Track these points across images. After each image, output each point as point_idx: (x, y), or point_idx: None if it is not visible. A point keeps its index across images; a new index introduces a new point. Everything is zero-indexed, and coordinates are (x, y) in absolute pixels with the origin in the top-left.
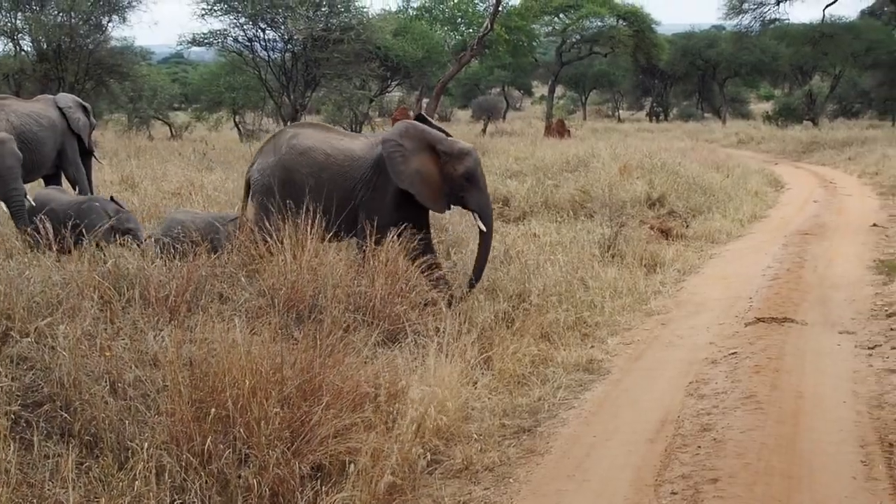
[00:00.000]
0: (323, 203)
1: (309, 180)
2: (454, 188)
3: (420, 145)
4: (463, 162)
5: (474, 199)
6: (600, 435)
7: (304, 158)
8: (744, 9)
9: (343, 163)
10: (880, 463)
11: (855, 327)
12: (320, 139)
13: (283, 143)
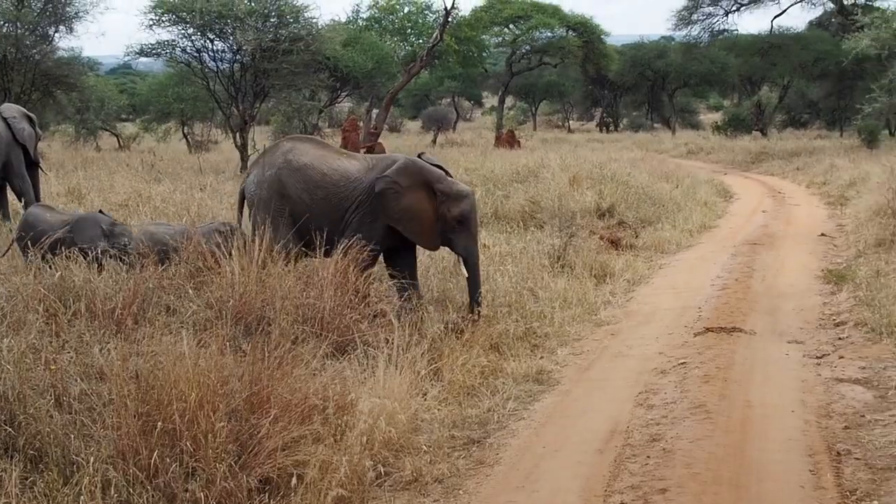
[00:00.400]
0: (315, 221)
1: (303, 196)
2: (445, 228)
3: (416, 182)
4: (459, 204)
5: (462, 242)
6: (550, 446)
7: (300, 175)
8: (693, 20)
9: (338, 183)
10: (828, 472)
11: (803, 337)
12: (317, 156)
13: (279, 156)
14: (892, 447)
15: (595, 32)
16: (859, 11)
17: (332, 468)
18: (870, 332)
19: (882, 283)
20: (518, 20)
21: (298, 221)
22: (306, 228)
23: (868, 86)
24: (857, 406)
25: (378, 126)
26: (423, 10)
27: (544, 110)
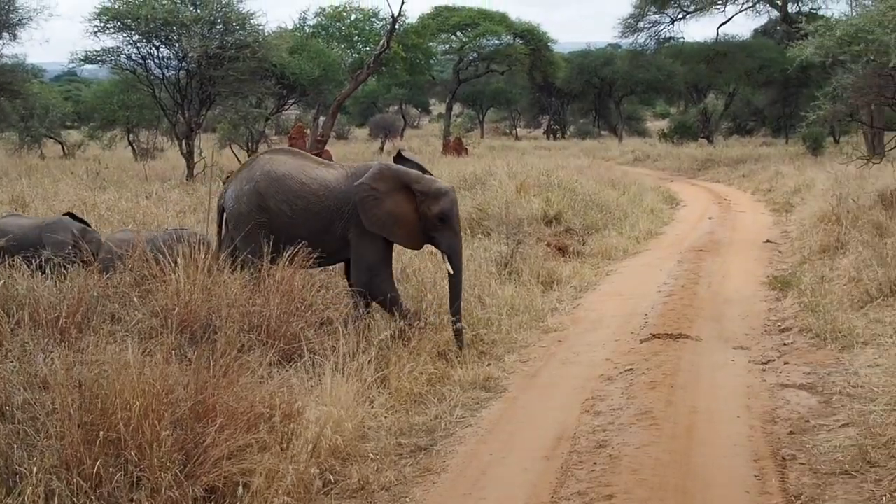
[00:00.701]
0: (297, 231)
1: (283, 207)
2: (427, 227)
3: (394, 186)
4: (439, 202)
5: (446, 240)
6: (497, 453)
7: (279, 185)
8: (639, 27)
9: (318, 192)
10: (773, 477)
11: (749, 343)
12: (295, 166)
13: (257, 169)
14: (836, 452)
15: (542, 40)
16: (804, 19)
17: (279, 476)
18: (814, 338)
19: (826, 289)
20: (465, 28)
21: (279, 233)
22: (287, 240)
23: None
24: (801, 411)
25: (325, 133)
26: (370, 17)
27: (492, 118)
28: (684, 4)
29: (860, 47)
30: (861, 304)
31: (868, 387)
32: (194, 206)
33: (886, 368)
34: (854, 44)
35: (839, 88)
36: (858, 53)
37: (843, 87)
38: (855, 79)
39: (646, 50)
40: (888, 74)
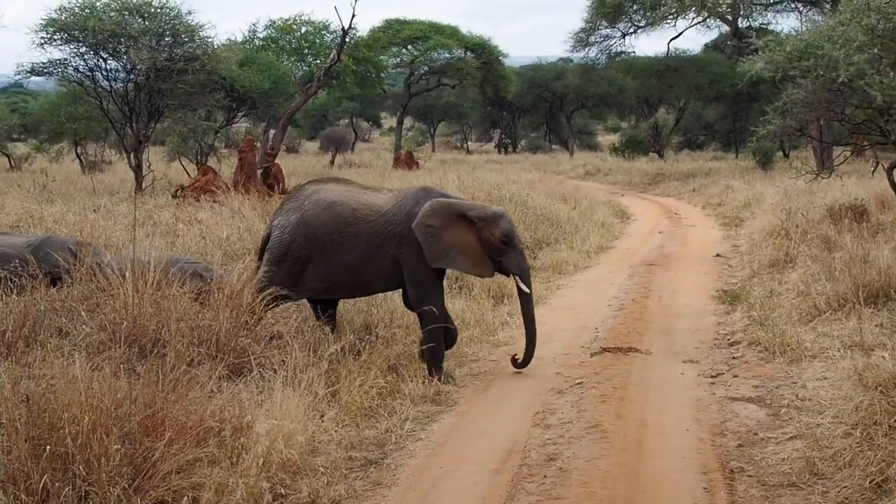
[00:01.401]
0: (347, 257)
1: (333, 235)
2: (492, 253)
3: (449, 218)
4: (499, 225)
5: (514, 261)
6: (447, 466)
7: (329, 213)
8: (590, 42)
9: (369, 217)
10: (722, 489)
11: (698, 356)
12: (344, 193)
13: (304, 199)
14: (784, 464)
15: (493, 54)
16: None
17: (229, 490)
18: (763, 352)
19: (775, 302)
20: (416, 41)
21: (327, 261)
22: (336, 267)
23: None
24: (750, 424)
25: (275, 147)
26: (320, 30)
27: (443, 131)
28: (635, 19)
29: (809, 63)
30: (809, 317)
31: (816, 400)
32: (143, 219)
33: (834, 381)
34: (803, 59)
35: (789, 103)
36: (808, 69)
37: (792, 102)
38: (804, 94)
39: (597, 64)
40: (837, 90)
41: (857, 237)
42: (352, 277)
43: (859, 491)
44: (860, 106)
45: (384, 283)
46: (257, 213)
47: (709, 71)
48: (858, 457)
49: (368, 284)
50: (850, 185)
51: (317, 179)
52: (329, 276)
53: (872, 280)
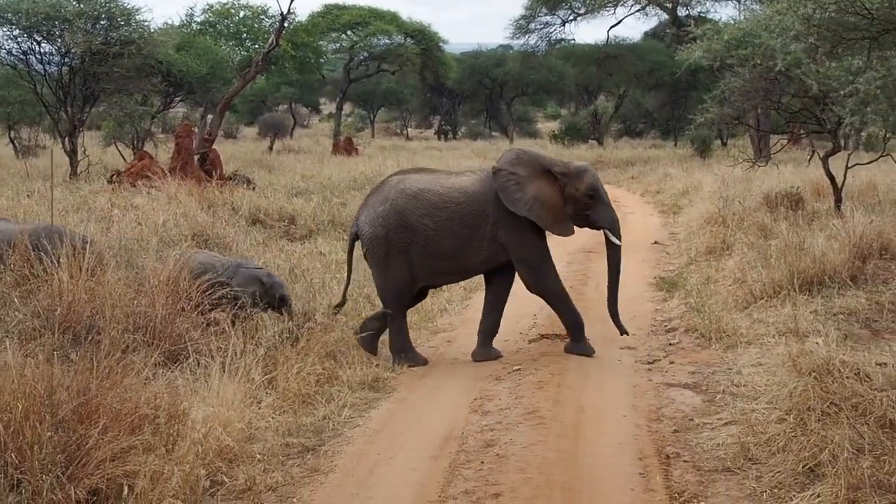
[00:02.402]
0: (443, 242)
1: (426, 221)
2: (578, 208)
3: (535, 171)
4: (583, 179)
5: (603, 213)
6: (385, 453)
7: (418, 201)
8: (530, 29)
9: (459, 199)
10: (658, 474)
11: (635, 343)
12: (430, 180)
13: (390, 189)
14: (719, 449)
15: (433, 40)
16: (692, 23)
17: (164, 478)
18: (699, 338)
19: (712, 289)
20: (356, 26)
21: (423, 248)
22: (433, 253)
23: (701, 96)
24: (686, 410)
25: (212, 132)
26: (258, 14)
27: (382, 118)
28: (575, 6)
29: (747, 51)
30: (745, 304)
31: (751, 385)
32: (77, 204)
33: (768, 368)
34: (741, 48)
35: (726, 92)
36: (745, 57)
37: (730, 90)
38: (742, 82)
39: (537, 51)
40: (774, 78)
41: (793, 225)
42: (452, 263)
43: (792, 475)
44: (797, 95)
45: (485, 264)
46: (194, 198)
47: (648, 59)
48: (792, 442)
49: (470, 267)
50: (787, 173)
51: (401, 170)
52: (429, 264)
53: (807, 267)
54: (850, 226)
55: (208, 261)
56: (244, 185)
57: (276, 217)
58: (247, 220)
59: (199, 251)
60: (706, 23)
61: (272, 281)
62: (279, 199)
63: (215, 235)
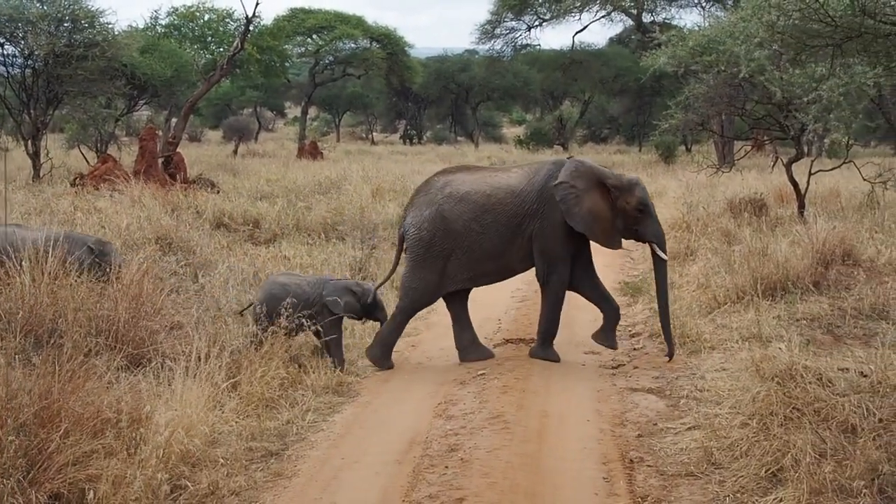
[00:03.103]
0: (490, 244)
1: (472, 225)
2: (627, 222)
3: (591, 183)
4: (634, 193)
5: (650, 229)
6: (348, 457)
7: (465, 205)
8: (496, 34)
9: (505, 199)
10: (621, 479)
11: (599, 347)
12: (475, 181)
13: (435, 192)
14: (683, 454)
15: (399, 44)
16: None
17: (126, 482)
18: (663, 343)
19: (676, 295)
20: (321, 30)
21: (469, 251)
22: (478, 255)
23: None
24: (650, 415)
25: (176, 135)
26: (223, 17)
27: (348, 122)
28: (541, 12)
29: (712, 58)
30: (709, 309)
31: (714, 390)
32: (40, 207)
33: (732, 373)
34: (705, 54)
35: (691, 98)
36: (710, 64)
37: (694, 96)
38: (706, 89)
39: (502, 56)
40: (738, 85)
41: (756, 231)
42: (495, 263)
43: (755, 480)
44: (760, 101)
45: (524, 263)
46: (158, 201)
47: (613, 65)
48: (755, 446)
49: (511, 266)
50: (750, 179)
51: (445, 170)
52: (473, 265)
53: (770, 273)
54: (812, 232)
55: (291, 281)
56: (208, 188)
57: (240, 221)
58: (211, 224)
59: (280, 273)
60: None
61: (362, 289)
62: (243, 202)
63: (179, 239)
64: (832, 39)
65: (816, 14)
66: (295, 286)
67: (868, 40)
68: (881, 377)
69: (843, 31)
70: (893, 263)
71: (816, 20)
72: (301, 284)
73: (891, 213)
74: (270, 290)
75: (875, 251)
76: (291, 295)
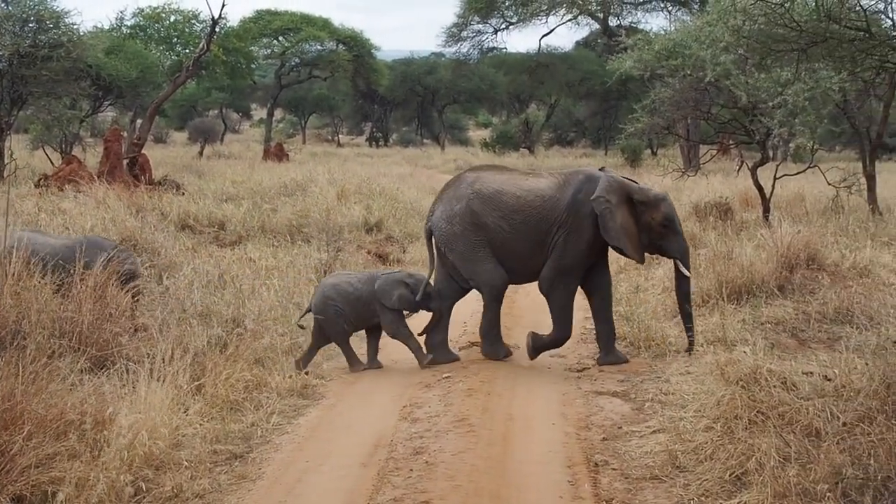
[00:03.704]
0: (517, 246)
1: (501, 223)
2: (652, 237)
3: (621, 198)
4: (660, 209)
5: (675, 245)
6: (313, 460)
7: (494, 203)
8: (462, 37)
9: (534, 203)
10: (586, 482)
11: (564, 351)
12: (505, 181)
13: (464, 188)
14: (647, 457)
15: (365, 47)
16: (624, 33)
17: (90, 485)
18: (629, 346)
19: (641, 298)
20: (287, 32)
21: (497, 250)
22: (505, 256)
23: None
24: (615, 418)
25: (142, 136)
26: (189, 19)
27: (314, 124)
28: (507, 15)
29: (677, 62)
30: (674, 313)
31: (679, 394)
32: (3, 208)
33: (697, 376)
34: (672, 58)
35: (657, 102)
36: (676, 68)
37: (660, 100)
38: (672, 93)
39: (469, 59)
40: (704, 89)
41: (722, 235)
42: (523, 265)
43: (720, 483)
44: (726, 105)
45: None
46: (122, 203)
47: (579, 68)
48: (719, 450)
49: (538, 270)
50: (716, 183)
51: (475, 167)
52: (505, 262)
53: (735, 277)
54: (777, 236)
55: (342, 281)
56: (173, 190)
57: (205, 222)
58: (176, 226)
59: (330, 275)
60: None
61: (415, 280)
62: (209, 204)
63: (144, 241)
64: (797, 44)
65: (782, 19)
66: (346, 284)
67: (833, 45)
68: (845, 381)
69: (809, 35)
70: (857, 268)
71: (782, 25)
72: (352, 282)
73: (855, 218)
74: (324, 293)
75: (839, 255)
76: (342, 294)
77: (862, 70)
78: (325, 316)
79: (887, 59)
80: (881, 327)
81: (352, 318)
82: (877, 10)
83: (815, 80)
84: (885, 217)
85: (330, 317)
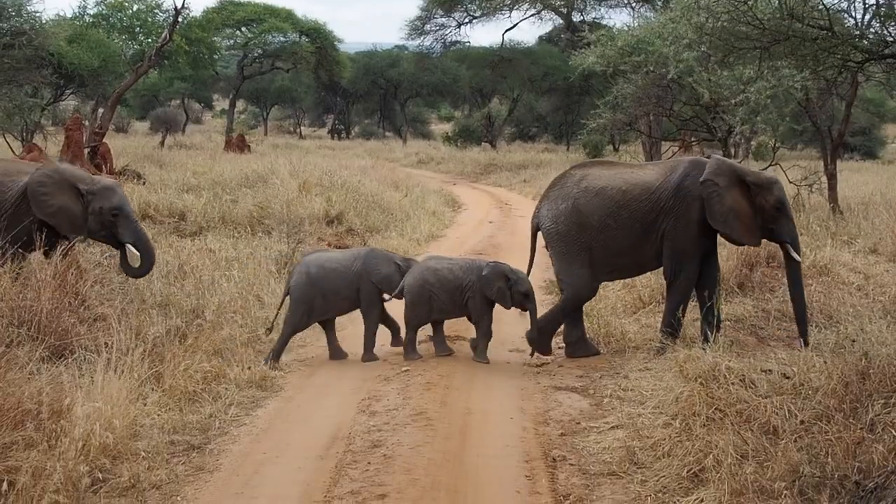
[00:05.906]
0: (623, 241)
1: (608, 221)
2: (765, 220)
3: (732, 180)
4: (773, 191)
5: (786, 228)
6: (270, 452)
7: (600, 199)
8: (426, 30)
9: (640, 196)
10: (543, 477)
11: (524, 345)
12: (612, 176)
13: (572, 186)
14: (605, 453)
15: (328, 39)
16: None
17: (46, 474)
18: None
19: (601, 294)
20: (250, 23)
21: (604, 247)
22: (613, 251)
23: (594, 101)
24: (573, 413)
25: (103, 126)
26: (152, 8)
27: (276, 115)
28: (470, 9)
29: (640, 58)
30: (633, 309)
31: (637, 390)
32: None
33: (655, 372)
34: (634, 54)
35: (619, 98)
36: (638, 64)
37: (623, 96)
38: (635, 89)
39: (432, 53)
40: (666, 86)
41: None
42: (630, 259)
43: (677, 480)
44: (688, 102)
45: (658, 260)
46: None
47: (542, 63)
48: (677, 447)
49: (645, 262)
50: None
51: (581, 164)
52: (610, 260)
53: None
54: None
55: (443, 266)
56: (134, 179)
57: (166, 213)
58: (136, 216)
59: (429, 257)
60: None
61: (517, 277)
62: (170, 194)
63: None
64: (760, 42)
65: (745, 17)
66: (447, 271)
67: (795, 44)
68: (803, 379)
69: (771, 34)
70: (817, 266)
71: (745, 23)
72: (453, 269)
73: (815, 216)
74: (423, 276)
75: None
76: (442, 281)
77: (824, 68)
78: (418, 299)
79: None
80: (840, 326)
81: (443, 305)
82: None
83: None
84: (846, 216)
85: (423, 301)
